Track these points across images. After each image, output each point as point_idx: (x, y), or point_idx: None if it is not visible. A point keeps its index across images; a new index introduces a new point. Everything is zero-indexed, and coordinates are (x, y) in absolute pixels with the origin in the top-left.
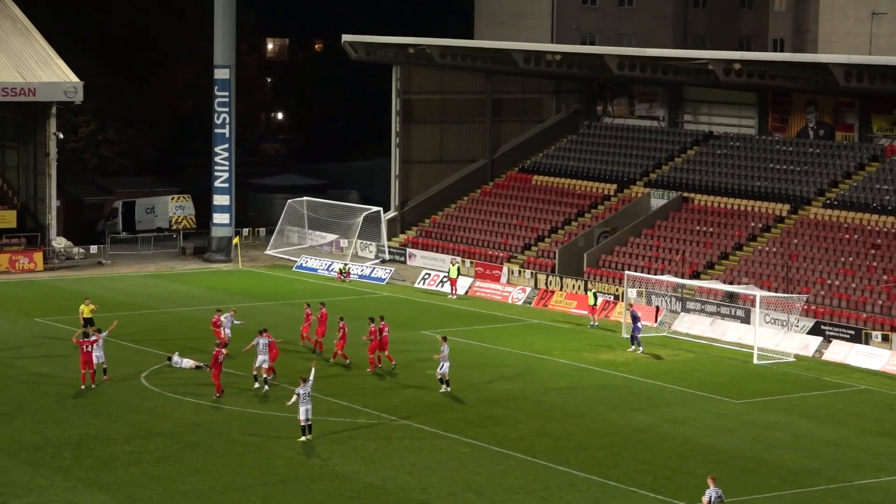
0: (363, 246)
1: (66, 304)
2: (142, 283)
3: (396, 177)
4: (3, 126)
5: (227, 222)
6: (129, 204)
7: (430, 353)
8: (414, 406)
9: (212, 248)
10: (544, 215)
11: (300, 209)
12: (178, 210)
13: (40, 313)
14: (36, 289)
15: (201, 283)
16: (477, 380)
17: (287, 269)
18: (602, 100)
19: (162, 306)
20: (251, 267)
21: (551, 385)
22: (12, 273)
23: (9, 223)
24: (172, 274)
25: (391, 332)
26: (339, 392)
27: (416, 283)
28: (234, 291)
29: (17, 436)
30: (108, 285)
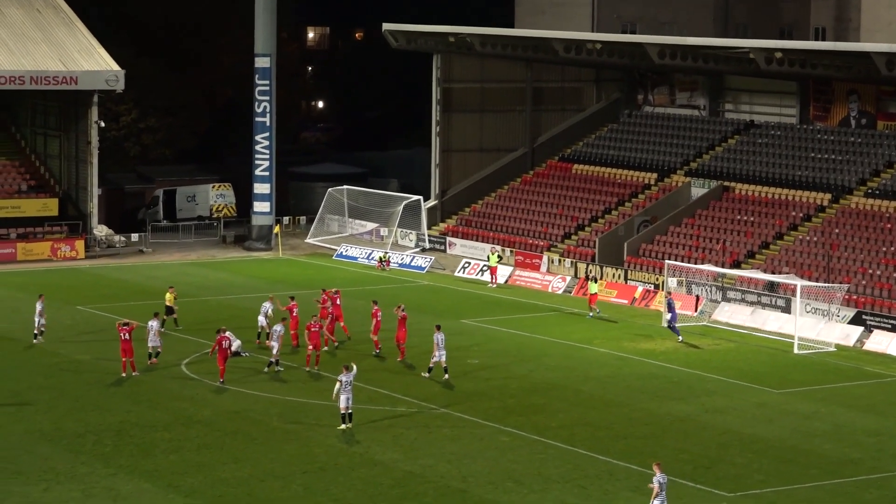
0: (403, 235)
1: (107, 293)
2: (182, 272)
3: (436, 165)
4: (45, 115)
5: (268, 211)
6: (170, 192)
7: (469, 343)
8: (454, 394)
9: (252, 236)
10: (584, 204)
11: (340, 198)
12: (218, 198)
13: (82, 301)
14: (77, 277)
15: (242, 272)
16: (517, 369)
17: (327, 257)
18: (643, 89)
19: (202, 294)
20: (291, 255)
21: (591, 374)
22: (54, 261)
23: (50, 211)
24: (213, 262)
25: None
26: (378, 380)
27: (456, 271)
28: (275, 280)
29: (58, 423)
30: (148, 273)
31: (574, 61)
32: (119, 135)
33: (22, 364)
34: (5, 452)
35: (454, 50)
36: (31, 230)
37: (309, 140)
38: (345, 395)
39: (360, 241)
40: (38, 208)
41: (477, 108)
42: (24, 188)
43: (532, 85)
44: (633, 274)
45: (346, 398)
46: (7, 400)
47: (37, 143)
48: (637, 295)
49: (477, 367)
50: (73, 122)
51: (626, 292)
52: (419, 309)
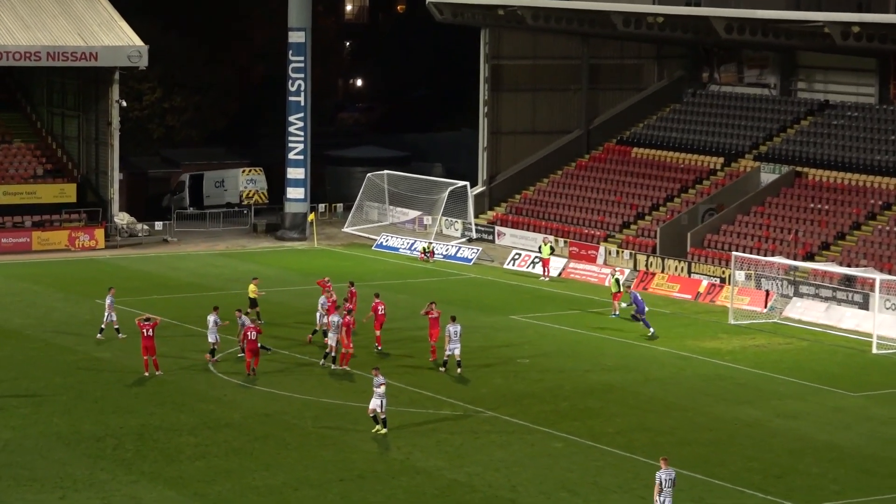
0: (448, 223)
1: (128, 285)
2: (210, 263)
3: (484, 149)
4: (63, 94)
5: (302, 197)
6: (197, 177)
7: (520, 341)
8: (503, 397)
9: (285, 224)
10: (645, 191)
11: (380, 183)
12: (249, 184)
13: (101, 294)
14: (97, 268)
15: (274, 263)
16: (571, 369)
17: (366, 247)
18: (708, 66)
19: (232, 287)
20: (327, 245)
21: (651, 375)
22: (72, 251)
23: (68, 197)
24: (243, 253)
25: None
26: (421, 381)
27: (506, 263)
28: (309, 272)
29: (76, 425)
30: (173, 265)
31: (634, 36)
32: (142, 115)
33: (38, 362)
34: (19, 457)
35: (504, 24)
36: (48, 218)
37: (347, 121)
38: (378, 400)
39: (401, 231)
40: (55, 194)
41: (528, 87)
42: (40, 173)
43: (588, 62)
44: (697, 267)
45: (380, 402)
46: (22, 401)
47: (54, 125)
48: (701, 289)
49: (527, 367)
50: (92, 102)
51: (690, 287)
52: (465, 304)
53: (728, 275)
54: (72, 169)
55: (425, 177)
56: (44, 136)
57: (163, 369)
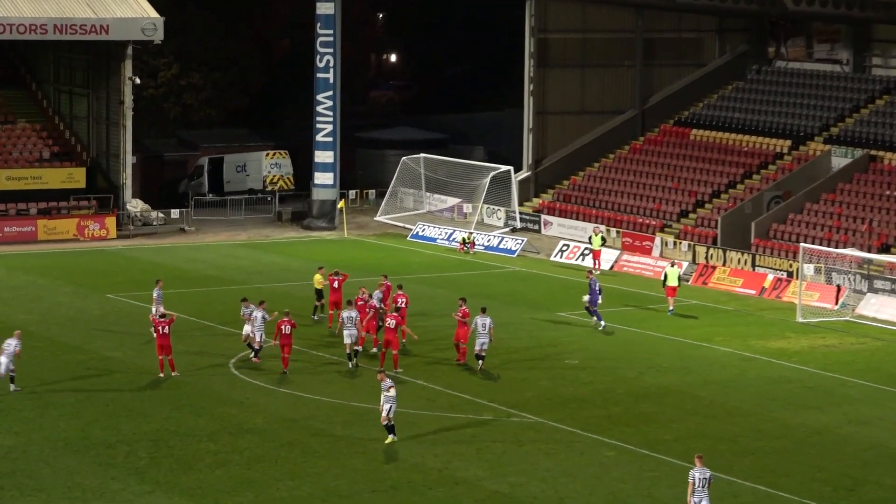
0: (490, 212)
1: (142, 278)
2: (231, 254)
3: (530, 130)
4: (71, 70)
5: (331, 183)
6: (217, 161)
7: (568, 340)
8: (549, 401)
9: (313, 213)
10: (704, 177)
11: (416, 168)
12: (273, 168)
13: (113, 288)
14: (108, 259)
15: (300, 254)
16: (624, 371)
17: (401, 238)
18: (774, 40)
19: (254, 281)
20: (358, 235)
21: (712, 377)
22: (81, 241)
23: (77, 183)
24: (266, 243)
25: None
26: (460, 384)
27: (553, 255)
28: (339, 264)
29: (86, 431)
30: (191, 256)
31: (692, 7)
32: (157, 93)
33: (43, 362)
34: (23, 465)
35: None
36: (55, 205)
37: (379, 100)
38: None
39: (439, 220)
40: (63, 179)
41: (578, 63)
42: (47, 156)
43: (643, 35)
44: (761, 260)
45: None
46: (26, 403)
47: (61, 103)
48: (766, 284)
49: (576, 369)
50: (103, 79)
51: (754, 281)
52: (508, 299)
53: (796, 268)
54: (80, 152)
55: (465, 161)
56: (50, 116)
57: (179, 370)
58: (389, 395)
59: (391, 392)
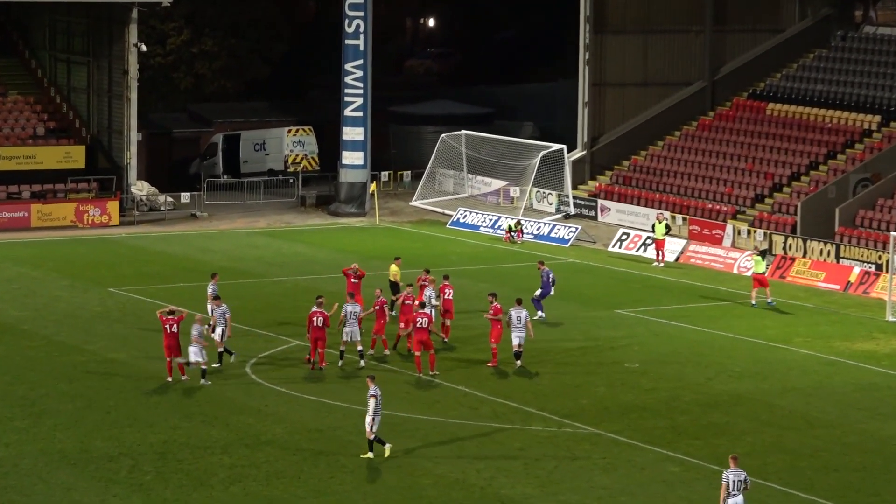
0: (540, 196)
1: (148, 270)
2: (248, 243)
3: (585, 104)
4: (69, 35)
5: (361, 163)
6: (233, 138)
7: (628, 341)
8: (606, 409)
9: (340, 197)
10: (782, 157)
11: (457, 146)
12: (296, 147)
13: (115, 281)
14: (110, 249)
15: (326, 244)
16: (692, 376)
17: (440, 225)
18: (862, 2)
19: (274, 273)
20: (391, 222)
21: (790, 384)
22: (80, 228)
23: (76, 163)
24: (288, 231)
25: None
26: (506, 389)
27: (611, 245)
28: (369, 254)
29: (85, 442)
30: (203, 245)
31: None
32: (166, 62)
33: (38, 364)
34: (15, 480)
35: None
36: (50, 188)
37: (416, 70)
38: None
39: (482, 205)
40: (59, 159)
41: (639, 28)
42: (41, 132)
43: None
44: (847, 251)
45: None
46: (18, 411)
47: (57, 73)
48: (853, 278)
49: (637, 374)
50: (105, 46)
51: (839, 275)
52: (560, 295)
53: (885, 260)
54: (79, 128)
55: (512, 138)
56: (45, 88)
57: (190, 374)
58: (370, 406)
59: (371, 402)
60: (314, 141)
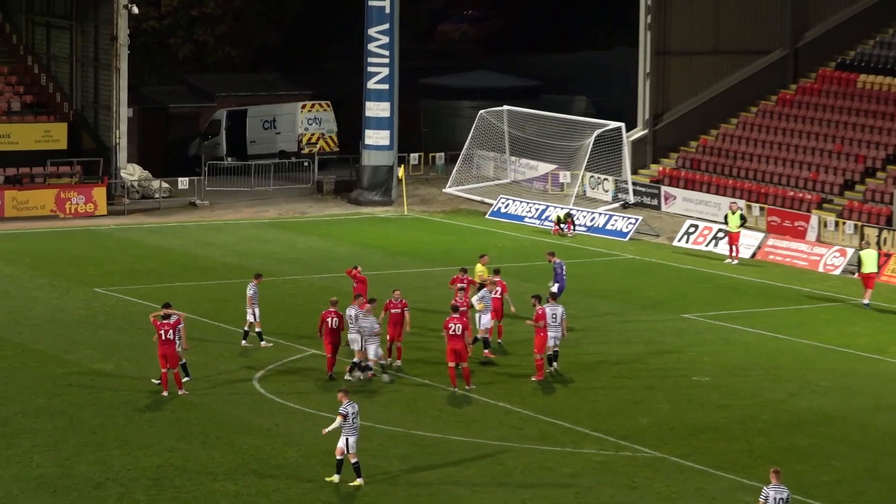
0: (595, 182)
1: (140, 267)
2: (256, 237)
3: (647, 76)
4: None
5: (387, 144)
6: (238, 115)
7: (696, 351)
8: (671, 430)
9: (363, 183)
10: (876, 136)
11: (498, 124)
12: (311, 124)
13: (102, 280)
14: (96, 242)
15: (346, 237)
16: (770, 391)
17: (478, 215)
18: None
19: (286, 272)
20: (422, 212)
21: (885, 400)
22: (62, 219)
23: (56, 142)
24: (302, 222)
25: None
26: (555, 407)
27: (676, 240)
28: (396, 250)
29: (67, 466)
30: (204, 239)
31: None
32: (160, 27)
33: (11, 377)
34: None
35: None
36: (27, 171)
37: (450, 36)
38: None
39: (527, 192)
40: (38, 138)
41: None
42: (17, 107)
43: None
44: None
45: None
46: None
47: (35, 40)
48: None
49: (707, 388)
50: (90, 8)
51: None
52: (618, 296)
53: None
54: (61, 102)
55: (562, 115)
56: (22, 57)
57: (188, 387)
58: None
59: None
60: (332, 118)
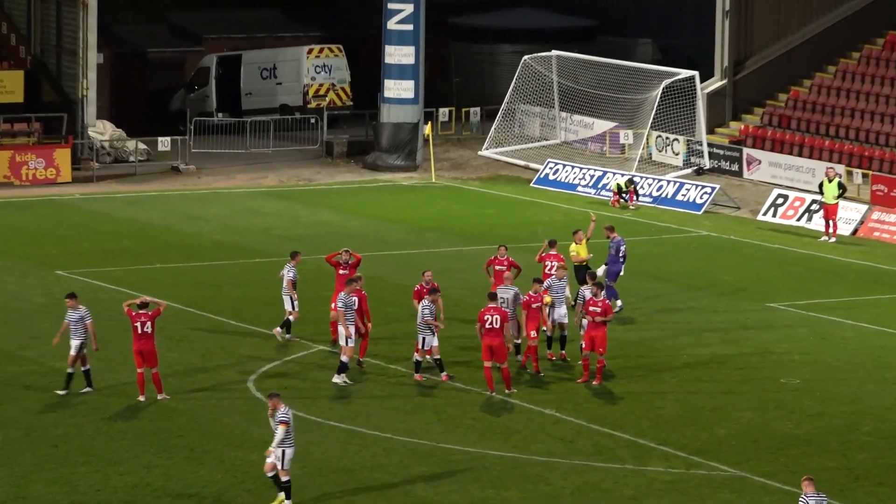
0: (662, 143)
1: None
2: (252, 209)
3: (726, 14)
4: None
5: (411, 97)
6: (231, 62)
7: (786, 344)
8: (755, 442)
9: (381, 143)
10: None
11: (545, 73)
12: (319, 73)
13: (66, 261)
14: (59, 215)
15: (362, 209)
16: (875, 397)
17: (521, 184)
18: None
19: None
20: (453, 179)
21: None
22: (17, 186)
23: (11, 95)
24: (308, 191)
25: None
26: (613, 415)
27: (761, 213)
28: (422, 224)
29: (22, 486)
30: (190, 211)
31: None
32: None
33: None
34: None
35: None
36: None
37: None
38: (287, 449)
39: (580, 155)
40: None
41: None
42: None
43: None
44: None
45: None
46: None
47: None
48: None
49: (798, 393)
50: None
51: None
52: (691, 280)
53: None
54: (16, 46)
55: (623, 62)
56: None
57: (170, 390)
58: (278, 434)
59: (279, 430)
60: (345, 65)
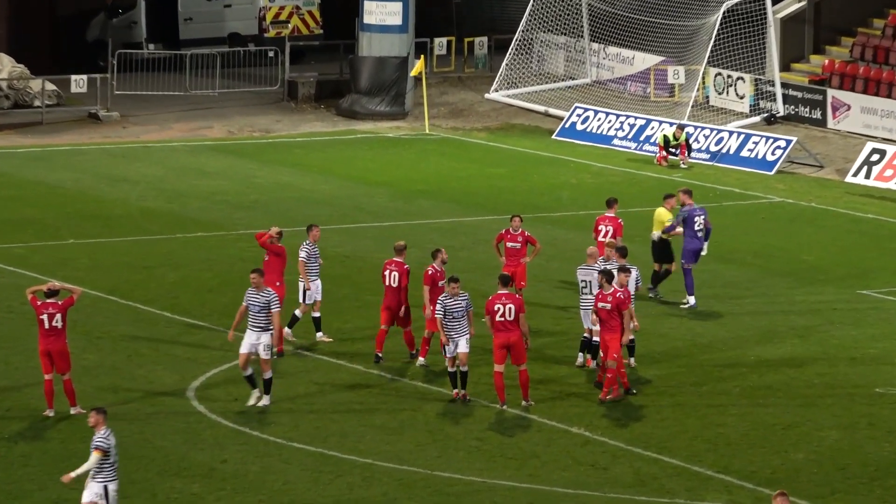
0: (723, 83)
1: (13, 215)
2: (193, 167)
3: None
4: None
5: (398, 23)
6: None
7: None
8: (843, 470)
9: (360, 84)
10: None
11: None
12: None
13: None
14: None
15: (335, 168)
16: None
17: (540, 135)
18: None
19: (240, 222)
20: (452, 130)
21: None
22: None
23: None
24: (265, 145)
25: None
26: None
27: (851, 173)
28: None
29: None
30: (113, 171)
31: None
32: None
33: None
34: None
35: None
36: None
37: None
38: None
39: (616, 99)
40: None
41: None
42: None
43: None
44: None
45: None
46: None
47: None
48: None
49: (891, 401)
50: None
51: None
52: (760, 261)
53: None
54: None
55: None
56: None
57: (86, 403)
58: (107, 464)
59: (93, 458)
60: None
